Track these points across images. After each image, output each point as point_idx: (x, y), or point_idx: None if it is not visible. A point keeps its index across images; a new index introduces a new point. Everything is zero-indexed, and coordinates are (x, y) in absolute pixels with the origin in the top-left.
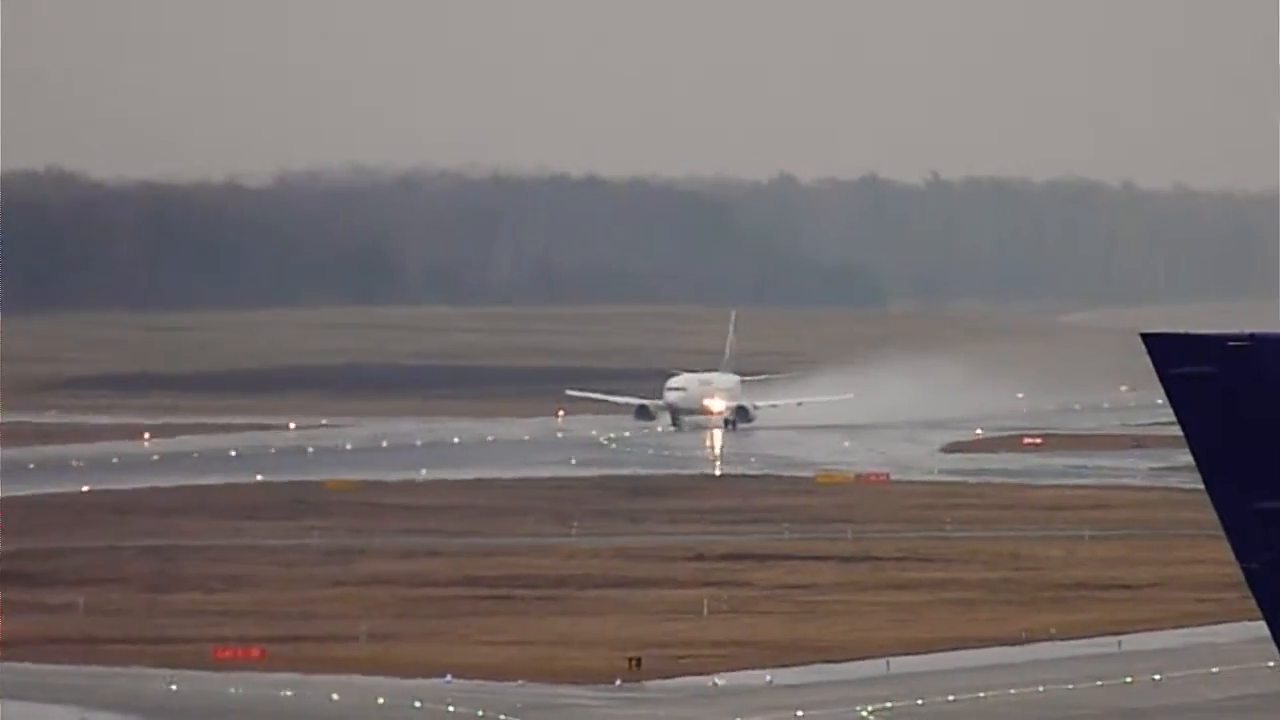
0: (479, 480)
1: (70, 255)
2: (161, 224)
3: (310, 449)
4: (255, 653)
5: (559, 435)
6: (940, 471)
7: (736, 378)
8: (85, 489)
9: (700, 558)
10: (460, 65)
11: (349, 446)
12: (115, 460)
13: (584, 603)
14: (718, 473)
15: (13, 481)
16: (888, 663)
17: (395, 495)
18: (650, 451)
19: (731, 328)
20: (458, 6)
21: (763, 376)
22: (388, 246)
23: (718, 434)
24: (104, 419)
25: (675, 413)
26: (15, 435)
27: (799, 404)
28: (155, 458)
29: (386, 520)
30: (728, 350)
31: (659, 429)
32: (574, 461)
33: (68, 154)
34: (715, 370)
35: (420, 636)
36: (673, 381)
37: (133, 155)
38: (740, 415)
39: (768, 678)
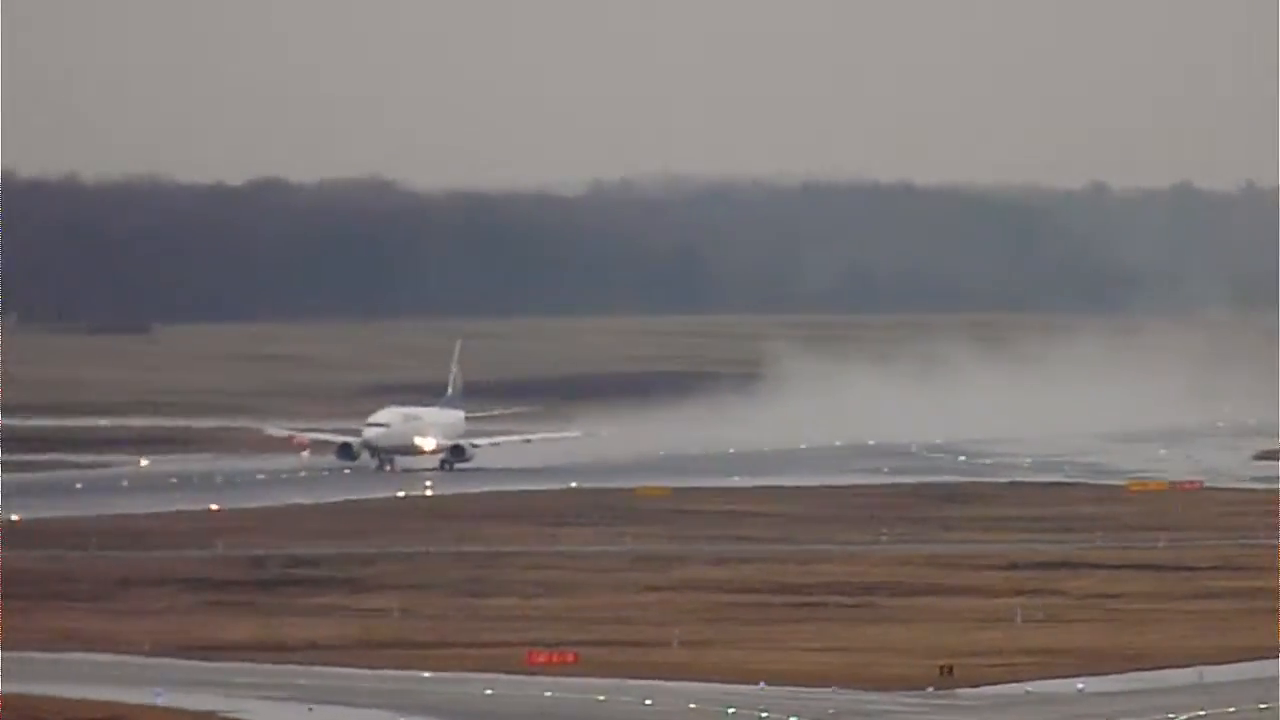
0: (790, 487)
1: (388, 263)
2: (477, 232)
3: (623, 456)
4: (569, 658)
5: (871, 443)
6: (1253, 479)
7: (459, 413)
8: (400, 494)
9: (1013, 566)
10: (772, 75)
11: (662, 453)
12: (431, 466)
13: (895, 610)
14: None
15: (330, 488)
16: (1200, 671)
17: (707, 502)
18: None
19: (455, 356)
20: (756, 17)
21: (493, 413)
22: (700, 255)
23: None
24: None
25: (376, 452)
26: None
27: (526, 440)
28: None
29: (698, 526)
30: (451, 383)
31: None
32: (886, 470)
33: (388, 163)
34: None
35: (733, 642)
36: (374, 417)
37: (450, 165)
38: (455, 455)
39: (1080, 686)
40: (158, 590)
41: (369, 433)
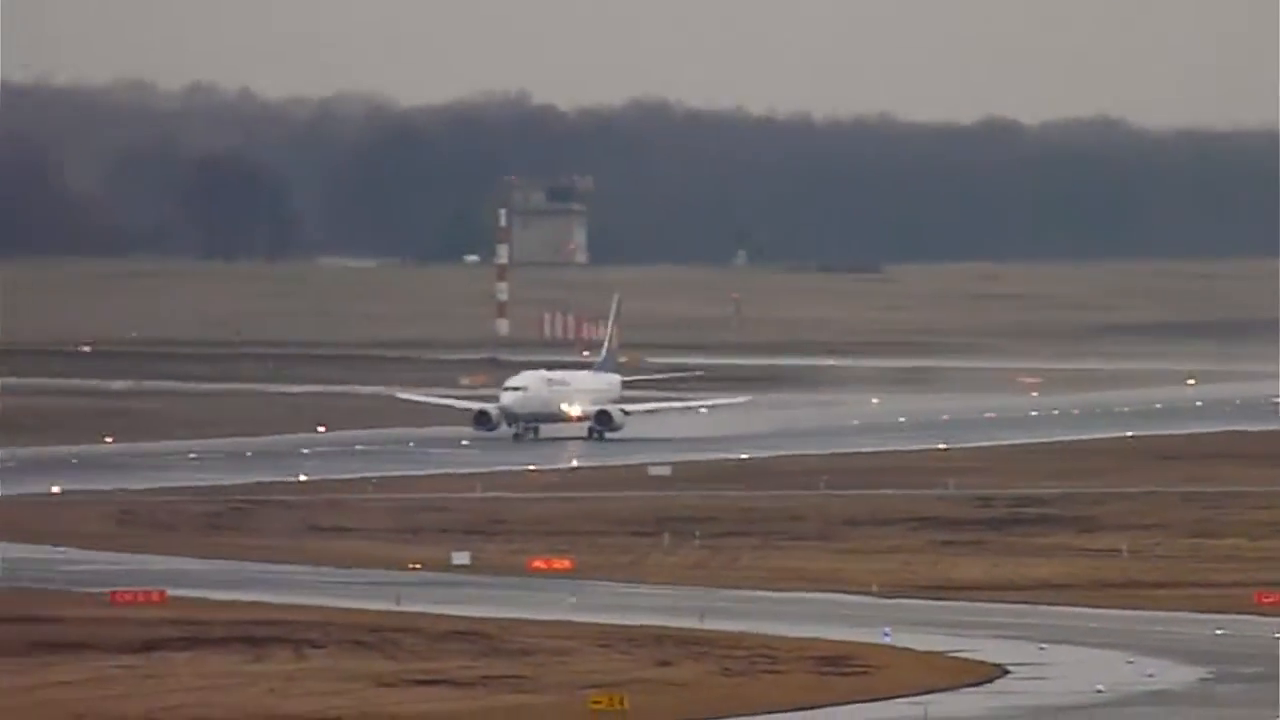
0: None
1: (1117, 203)
2: (1207, 172)
3: None
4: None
5: None
6: None
7: (615, 376)
8: (1130, 435)
9: None
10: None
11: None
12: (1158, 406)
13: None
14: None
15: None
16: None
17: None
18: None
19: (613, 313)
20: None
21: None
22: None
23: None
24: (1148, 365)
25: (513, 419)
26: (1071, 382)
27: (686, 408)
28: (1199, 403)
29: None
30: (606, 342)
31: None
32: None
33: (1116, 102)
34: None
35: None
36: (512, 380)
37: (1181, 103)
38: (602, 422)
39: None
40: (886, 529)
41: (506, 398)
